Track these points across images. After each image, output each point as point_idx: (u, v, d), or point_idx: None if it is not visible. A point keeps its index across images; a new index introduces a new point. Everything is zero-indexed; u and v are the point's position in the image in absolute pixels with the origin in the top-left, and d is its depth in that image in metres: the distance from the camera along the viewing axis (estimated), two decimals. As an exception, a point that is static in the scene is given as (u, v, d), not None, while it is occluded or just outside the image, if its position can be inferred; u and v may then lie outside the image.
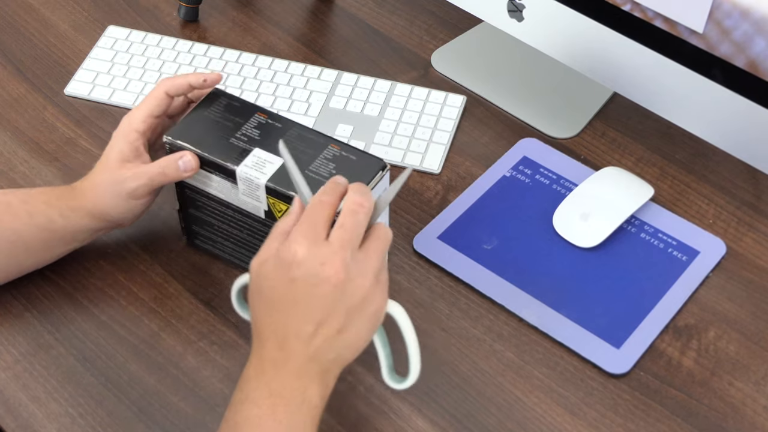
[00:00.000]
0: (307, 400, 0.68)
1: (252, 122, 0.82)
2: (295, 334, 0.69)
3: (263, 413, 0.67)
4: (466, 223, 0.93)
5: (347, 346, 0.70)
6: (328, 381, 0.70)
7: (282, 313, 0.69)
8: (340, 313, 0.69)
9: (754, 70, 0.84)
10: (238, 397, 0.69)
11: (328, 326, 0.69)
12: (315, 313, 0.68)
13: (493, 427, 0.79)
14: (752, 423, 0.80)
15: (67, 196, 0.84)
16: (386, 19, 1.15)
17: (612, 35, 0.92)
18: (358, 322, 0.70)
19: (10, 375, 0.82)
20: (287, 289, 0.69)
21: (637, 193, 0.94)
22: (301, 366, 0.69)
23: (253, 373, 0.69)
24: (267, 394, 0.68)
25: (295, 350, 0.69)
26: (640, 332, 0.85)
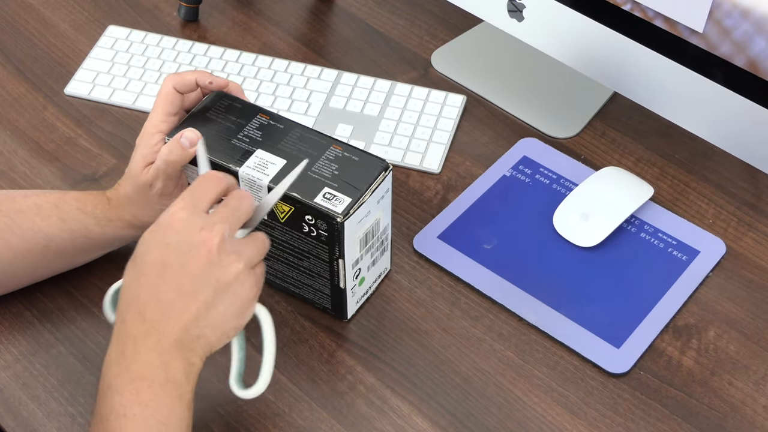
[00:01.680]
0: (171, 378, 0.66)
1: (254, 123, 0.82)
2: (159, 300, 0.67)
3: (127, 400, 0.65)
4: (466, 222, 0.93)
5: (213, 327, 0.68)
6: (192, 359, 0.68)
7: (149, 279, 0.68)
8: (209, 285, 0.67)
9: (754, 70, 0.84)
10: (102, 387, 0.67)
11: (195, 298, 0.67)
12: (184, 280, 0.67)
13: (493, 426, 0.79)
14: (752, 422, 0.80)
15: (102, 205, 0.83)
16: (386, 19, 1.15)
17: (612, 35, 0.92)
18: (227, 302, 0.68)
19: (10, 374, 0.82)
20: (160, 253, 0.68)
21: (637, 193, 0.94)
22: (162, 339, 0.67)
23: (114, 356, 0.67)
24: (128, 380, 0.66)
25: (159, 322, 0.67)
26: (640, 332, 0.85)
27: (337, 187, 0.77)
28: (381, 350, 0.84)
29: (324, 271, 0.81)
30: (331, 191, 0.77)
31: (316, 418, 0.80)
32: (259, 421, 0.79)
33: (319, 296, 0.84)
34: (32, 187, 0.96)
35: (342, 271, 0.80)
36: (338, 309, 0.84)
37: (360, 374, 0.82)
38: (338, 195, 0.76)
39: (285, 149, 0.80)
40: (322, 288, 0.83)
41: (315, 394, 0.81)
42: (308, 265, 0.81)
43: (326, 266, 0.80)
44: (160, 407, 0.66)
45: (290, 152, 0.79)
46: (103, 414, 0.66)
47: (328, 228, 0.76)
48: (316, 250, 0.79)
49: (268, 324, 0.72)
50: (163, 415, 0.66)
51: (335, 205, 0.76)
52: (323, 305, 0.85)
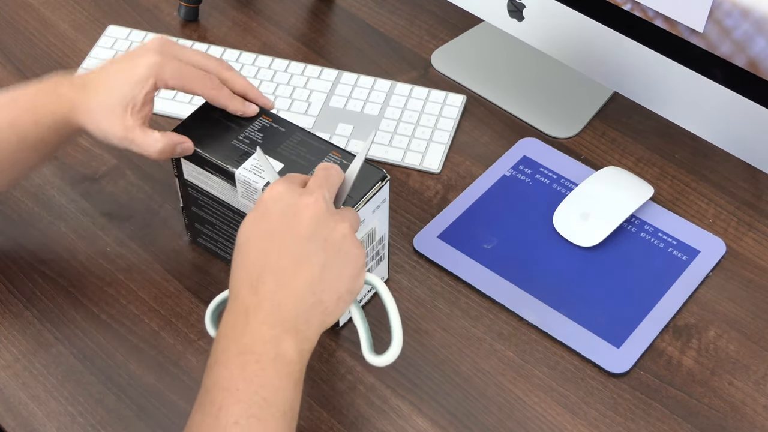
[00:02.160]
0: (281, 355, 0.64)
1: (256, 125, 0.82)
2: (272, 270, 0.65)
3: (231, 373, 0.63)
4: (466, 222, 0.93)
5: (328, 290, 0.66)
6: (307, 333, 0.66)
7: (259, 250, 0.66)
8: (320, 246, 0.66)
9: (755, 70, 0.84)
10: (210, 362, 0.65)
11: (308, 261, 0.66)
12: (293, 244, 0.66)
13: (494, 426, 0.79)
14: (752, 422, 0.80)
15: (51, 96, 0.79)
16: (386, 19, 1.15)
17: (612, 35, 0.92)
18: (340, 262, 0.67)
19: (9, 373, 0.82)
20: (266, 223, 0.67)
21: (637, 193, 0.94)
22: (276, 311, 0.65)
23: (223, 331, 0.66)
24: (236, 353, 0.64)
25: (272, 292, 0.65)
26: (640, 332, 0.85)
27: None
28: (381, 350, 0.84)
29: None
30: None
31: (316, 418, 0.80)
32: (259, 421, 0.79)
33: None
34: (32, 187, 0.96)
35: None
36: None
37: (360, 374, 0.82)
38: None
39: (284, 153, 0.79)
40: None
41: (315, 393, 0.81)
42: None
43: None
44: (265, 384, 0.63)
45: (289, 156, 0.79)
46: (206, 386, 0.64)
47: None
48: None
49: (384, 289, 0.71)
50: (269, 392, 0.63)
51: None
52: None
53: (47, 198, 0.95)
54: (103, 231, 0.92)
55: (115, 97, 0.77)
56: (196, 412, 0.65)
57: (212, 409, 0.63)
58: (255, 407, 0.63)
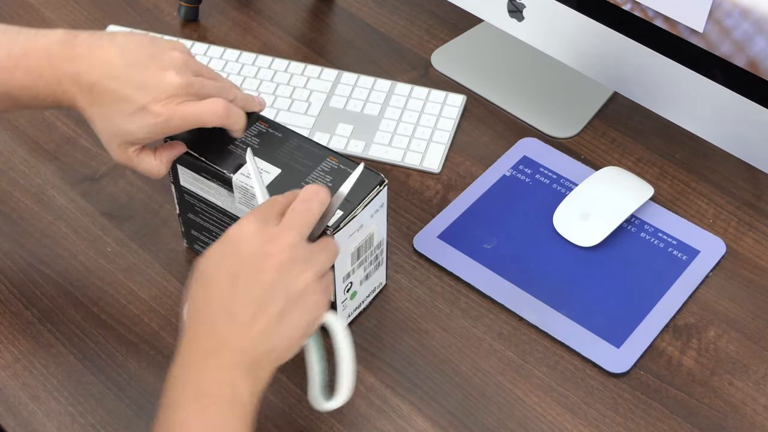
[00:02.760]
0: (237, 396, 0.65)
1: (252, 130, 0.81)
2: (231, 316, 0.66)
3: (191, 416, 0.64)
4: (466, 222, 0.93)
5: (283, 338, 0.67)
6: (260, 376, 0.67)
7: (221, 290, 0.66)
8: (281, 297, 0.66)
9: (755, 70, 0.84)
10: (165, 402, 0.66)
11: (266, 311, 0.66)
12: (255, 291, 0.66)
13: (494, 426, 0.79)
14: (752, 422, 0.80)
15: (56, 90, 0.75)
16: (386, 19, 1.15)
17: (612, 35, 0.92)
18: (297, 313, 0.67)
19: (9, 373, 0.82)
20: (233, 263, 0.67)
21: (637, 193, 0.94)
22: (233, 356, 0.65)
23: (179, 372, 0.66)
24: (194, 395, 0.65)
25: (229, 336, 0.65)
26: (640, 331, 0.85)
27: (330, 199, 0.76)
28: (381, 350, 0.84)
29: None
30: None
31: (316, 418, 0.80)
32: (259, 421, 0.79)
33: None
34: (32, 187, 0.96)
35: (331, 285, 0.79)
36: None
37: (360, 374, 0.82)
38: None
39: (281, 158, 0.79)
40: None
41: (315, 393, 0.81)
42: None
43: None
44: (223, 425, 0.64)
45: (286, 161, 0.79)
46: (164, 429, 0.65)
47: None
48: None
49: (340, 330, 0.71)
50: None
51: (331, 219, 0.75)
52: None
53: (47, 198, 0.95)
54: (103, 231, 0.92)
55: (121, 130, 0.75)
56: None
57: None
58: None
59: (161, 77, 0.74)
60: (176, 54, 0.76)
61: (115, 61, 0.74)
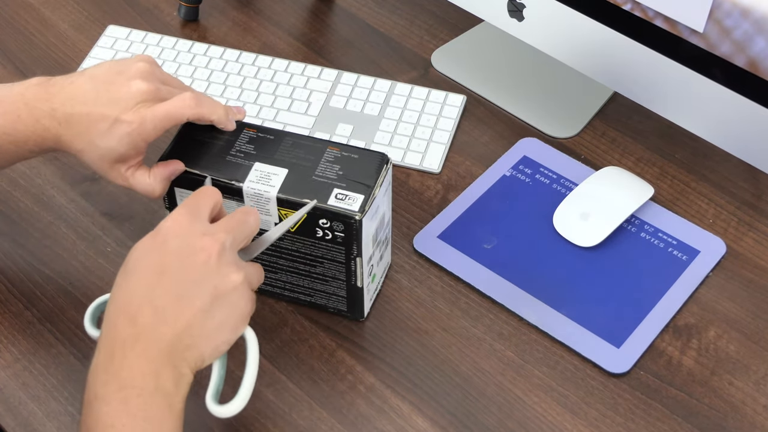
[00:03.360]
0: (160, 387, 0.64)
1: (243, 138, 0.80)
2: (153, 305, 0.65)
3: (115, 410, 0.63)
4: (466, 222, 0.93)
5: (206, 337, 0.66)
6: (183, 369, 0.65)
7: (144, 282, 0.66)
8: (206, 292, 0.66)
9: (755, 70, 0.84)
10: (88, 397, 0.64)
11: (191, 304, 0.65)
12: (181, 285, 0.65)
13: (494, 426, 0.79)
14: (752, 422, 0.80)
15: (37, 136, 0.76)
16: (386, 19, 1.15)
17: (612, 35, 0.92)
18: (223, 313, 0.66)
19: (9, 373, 0.82)
20: (158, 256, 0.66)
21: (637, 193, 0.94)
22: (153, 345, 0.64)
23: (101, 363, 0.65)
24: (117, 388, 0.63)
25: (151, 326, 0.64)
26: (640, 331, 0.85)
27: (345, 187, 0.77)
28: (381, 350, 0.84)
29: (340, 273, 0.81)
30: (342, 191, 0.76)
31: (316, 418, 0.80)
32: (259, 421, 0.79)
33: (334, 300, 0.84)
34: (32, 187, 0.96)
35: (359, 270, 0.80)
36: (354, 309, 0.84)
37: (360, 374, 0.82)
38: (350, 194, 0.76)
39: (282, 158, 0.79)
40: (337, 291, 0.83)
41: (315, 393, 0.81)
42: (322, 270, 0.81)
43: (342, 267, 0.80)
44: (149, 417, 0.63)
45: (289, 160, 0.79)
46: (89, 425, 0.64)
47: (345, 228, 0.76)
48: (332, 254, 0.79)
49: (253, 344, 0.70)
50: (153, 426, 0.63)
51: (350, 204, 0.76)
52: (337, 308, 0.85)
53: (47, 198, 0.95)
54: (103, 231, 0.92)
55: (104, 149, 0.75)
56: None
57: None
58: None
59: (128, 87, 0.75)
60: (142, 64, 0.77)
61: (85, 88, 0.76)
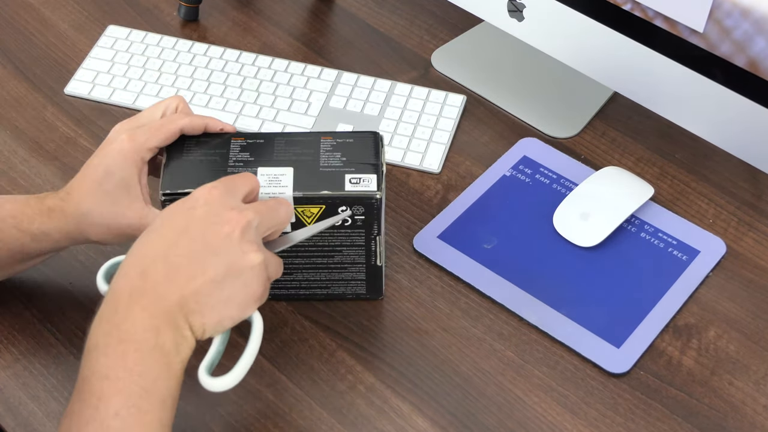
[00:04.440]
0: (159, 345, 0.63)
1: (235, 148, 0.79)
2: (166, 263, 0.64)
3: (112, 362, 0.62)
4: (466, 222, 0.93)
5: (212, 307, 0.65)
6: (184, 332, 0.65)
7: (164, 239, 0.65)
8: (222, 263, 0.65)
9: (755, 70, 0.84)
10: (88, 345, 0.64)
11: (204, 270, 0.65)
12: (199, 248, 0.65)
13: (494, 426, 0.79)
14: (752, 422, 0.80)
15: (41, 218, 0.77)
16: (386, 19, 1.15)
17: (612, 35, 0.92)
18: (235, 287, 0.66)
19: (9, 373, 0.82)
20: (183, 218, 0.66)
21: (637, 193, 0.94)
22: (158, 302, 0.64)
23: (105, 313, 0.65)
24: (117, 340, 0.63)
25: (159, 282, 0.64)
26: (640, 331, 0.85)
27: (355, 171, 0.77)
28: (381, 350, 0.84)
29: (359, 257, 0.81)
30: (354, 176, 0.77)
31: (316, 418, 0.80)
32: (259, 421, 0.79)
33: (352, 285, 0.85)
34: (32, 187, 0.96)
35: (379, 248, 0.81)
36: (374, 289, 0.85)
37: (360, 374, 0.82)
38: (362, 176, 0.77)
39: (282, 158, 0.79)
40: (356, 275, 0.83)
41: (315, 393, 0.81)
42: (340, 258, 0.82)
43: (362, 250, 0.81)
44: (145, 373, 0.63)
45: (289, 159, 0.79)
46: (85, 374, 0.63)
47: (366, 210, 0.77)
48: (351, 239, 0.80)
49: (258, 326, 0.70)
50: (148, 382, 0.63)
51: (366, 185, 0.77)
52: (356, 293, 0.85)
53: (47, 198, 0.95)
54: (103, 231, 0.92)
55: (109, 186, 0.76)
56: (74, 402, 0.63)
57: (91, 398, 0.62)
58: (135, 397, 0.62)
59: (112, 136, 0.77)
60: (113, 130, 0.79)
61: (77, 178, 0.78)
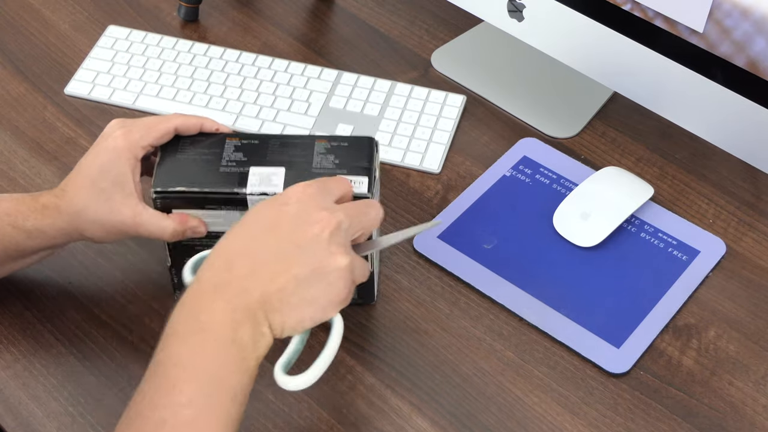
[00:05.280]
0: (237, 340, 0.63)
1: (229, 148, 0.80)
2: (252, 258, 0.65)
3: (188, 350, 0.63)
4: (466, 222, 0.93)
5: (294, 306, 0.65)
6: (263, 328, 0.65)
7: (252, 233, 0.66)
8: (309, 262, 0.65)
9: (754, 70, 0.84)
10: (167, 331, 0.65)
11: (289, 268, 0.65)
12: (287, 246, 0.65)
13: (494, 426, 0.79)
14: (752, 422, 0.80)
15: (35, 215, 0.78)
16: (386, 19, 1.15)
17: (612, 35, 0.92)
18: (319, 289, 0.66)
19: (9, 374, 0.82)
20: (274, 214, 0.67)
21: (637, 193, 0.94)
22: (241, 294, 0.64)
23: (188, 301, 0.65)
24: (196, 329, 0.63)
25: (243, 276, 0.64)
26: (640, 331, 0.85)
27: (347, 173, 0.77)
28: (381, 350, 0.84)
29: None
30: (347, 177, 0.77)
31: (316, 418, 0.80)
32: (259, 421, 0.79)
33: None
34: (32, 187, 0.96)
35: (370, 254, 0.80)
36: (366, 294, 0.85)
37: (360, 374, 0.82)
38: (353, 178, 0.77)
39: (275, 159, 0.79)
40: None
41: (315, 393, 0.81)
42: None
43: None
44: (220, 365, 0.63)
45: (282, 159, 0.79)
46: (160, 359, 0.63)
47: None
48: None
49: (338, 327, 0.69)
50: (222, 374, 0.63)
51: (357, 187, 0.76)
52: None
53: (47, 198, 0.95)
54: (103, 231, 0.92)
55: (104, 183, 0.76)
56: (147, 383, 0.63)
57: (166, 383, 0.62)
58: (208, 387, 0.62)
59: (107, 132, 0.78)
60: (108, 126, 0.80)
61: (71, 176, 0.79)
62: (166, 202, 0.78)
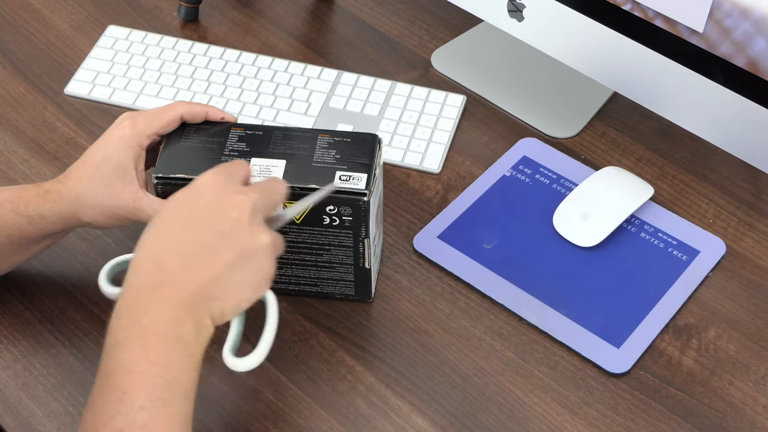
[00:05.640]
0: (181, 336, 0.64)
1: (233, 138, 0.80)
2: (181, 254, 0.65)
3: (135, 356, 0.63)
4: (466, 222, 0.93)
5: (230, 291, 0.66)
6: (204, 320, 0.66)
7: (175, 231, 0.67)
8: (235, 247, 0.66)
9: (754, 70, 0.84)
10: (109, 341, 0.64)
11: (218, 257, 0.66)
12: (211, 236, 0.66)
13: (494, 426, 0.79)
14: (752, 422, 0.80)
15: (37, 201, 0.79)
16: (386, 19, 1.15)
17: (612, 35, 0.92)
18: (249, 269, 0.67)
19: (9, 374, 0.82)
20: (191, 207, 0.67)
21: (637, 193, 0.94)
22: (177, 292, 0.65)
23: (124, 308, 0.65)
24: (138, 334, 0.63)
25: (175, 273, 0.65)
26: (640, 331, 0.85)
27: (347, 168, 0.77)
28: (381, 350, 0.84)
29: (347, 258, 0.81)
30: (345, 173, 0.77)
31: (316, 418, 0.80)
32: (259, 421, 0.79)
33: (341, 286, 0.85)
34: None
35: (368, 251, 0.80)
36: (362, 291, 0.85)
37: (360, 374, 0.83)
38: (352, 174, 0.77)
39: (277, 151, 0.79)
40: (344, 276, 0.83)
41: (315, 394, 0.81)
42: (329, 257, 0.82)
43: (350, 251, 0.81)
44: (168, 365, 0.63)
45: (284, 152, 0.79)
46: (108, 369, 0.64)
47: (354, 211, 0.77)
48: (339, 239, 0.80)
49: (273, 303, 0.70)
50: (171, 374, 0.63)
51: (355, 183, 0.77)
52: (345, 293, 0.85)
53: (47, 198, 0.95)
54: (103, 231, 0.92)
55: (106, 169, 0.78)
56: (96, 396, 0.64)
57: (116, 392, 0.63)
58: (159, 390, 0.63)
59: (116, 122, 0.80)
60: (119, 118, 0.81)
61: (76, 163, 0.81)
62: (168, 188, 0.78)
